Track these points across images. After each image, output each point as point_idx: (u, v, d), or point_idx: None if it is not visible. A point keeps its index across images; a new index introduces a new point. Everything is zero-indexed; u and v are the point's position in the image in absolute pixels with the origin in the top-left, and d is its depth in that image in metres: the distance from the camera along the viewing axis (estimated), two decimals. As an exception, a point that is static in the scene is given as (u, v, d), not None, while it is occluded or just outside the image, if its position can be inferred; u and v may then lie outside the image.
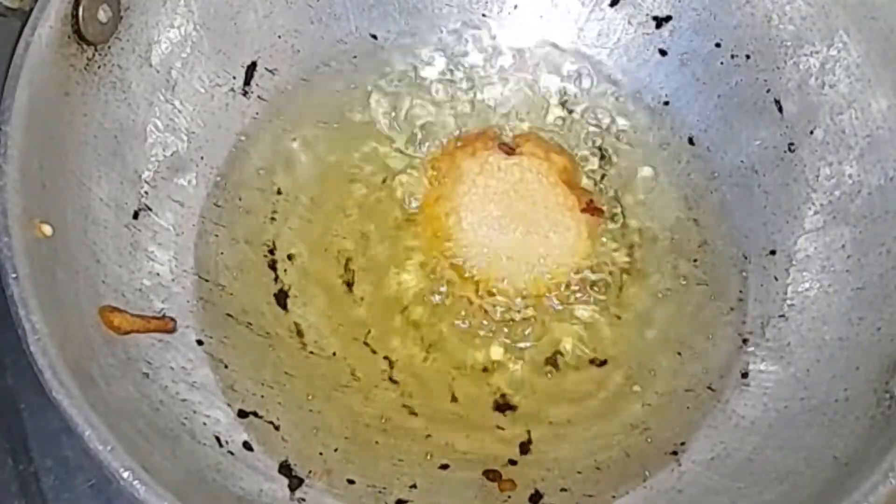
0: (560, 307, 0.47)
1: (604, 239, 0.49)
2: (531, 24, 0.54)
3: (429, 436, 0.44)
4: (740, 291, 0.48)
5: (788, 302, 0.46)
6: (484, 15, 0.54)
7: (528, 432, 0.44)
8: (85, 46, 0.43)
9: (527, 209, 0.49)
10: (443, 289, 0.48)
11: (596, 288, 0.48)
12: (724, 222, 0.50)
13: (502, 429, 0.45)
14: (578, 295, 0.48)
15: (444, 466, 0.44)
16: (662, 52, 0.52)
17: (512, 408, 0.45)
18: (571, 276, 0.48)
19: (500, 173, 0.50)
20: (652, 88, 0.53)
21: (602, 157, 0.51)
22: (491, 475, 0.43)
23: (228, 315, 0.46)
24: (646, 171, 0.51)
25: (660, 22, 0.52)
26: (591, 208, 0.46)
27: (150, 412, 0.40)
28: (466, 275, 0.48)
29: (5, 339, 0.46)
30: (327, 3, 0.52)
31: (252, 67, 0.51)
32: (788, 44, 0.49)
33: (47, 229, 0.39)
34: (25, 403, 0.46)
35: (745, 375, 0.45)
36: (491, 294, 0.47)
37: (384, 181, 0.51)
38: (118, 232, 0.44)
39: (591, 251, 0.49)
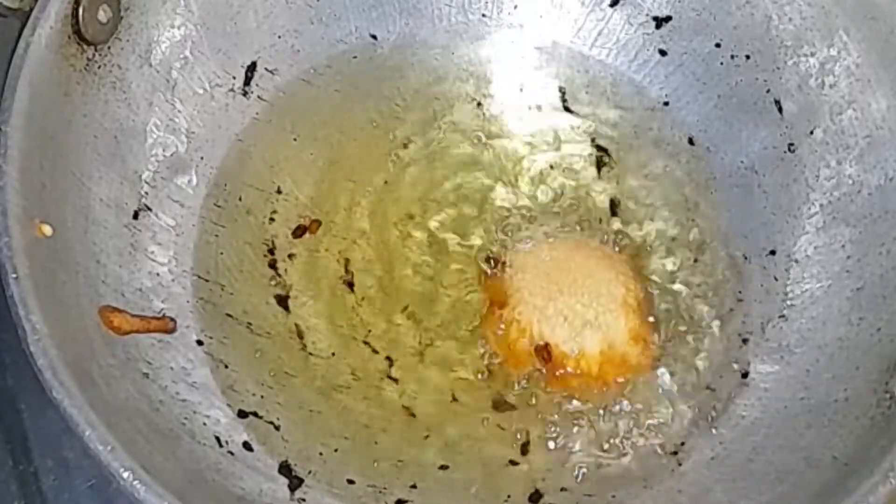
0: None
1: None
2: (531, 23, 0.54)
3: (429, 436, 0.44)
4: (740, 291, 0.48)
5: (788, 302, 0.46)
6: (484, 15, 0.54)
7: (528, 432, 0.44)
8: (85, 46, 0.43)
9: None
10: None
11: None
12: (724, 222, 0.49)
13: (502, 429, 0.45)
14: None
15: (444, 467, 0.44)
16: (662, 52, 0.52)
17: (512, 408, 0.45)
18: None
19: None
20: (652, 88, 0.53)
21: (602, 158, 0.51)
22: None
23: (228, 315, 0.46)
24: (645, 172, 0.51)
25: (660, 22, 0.52)
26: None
27: (150, 412, 0.40)
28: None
29: (5, 339, 0.46)
30: (327, 3, 0.52)
31: (252, 67, 0.51)
32: (788, 44, 0.49)
33: (47, 229, 0.39)
34: (25, 403, 0.46)
35: (745, 375, 0.45)
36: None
37: (385, 182, 0.51)
38: (118, 232, 0.44)
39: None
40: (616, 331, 0.45)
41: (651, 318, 0.47)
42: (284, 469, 0.42)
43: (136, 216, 0.45)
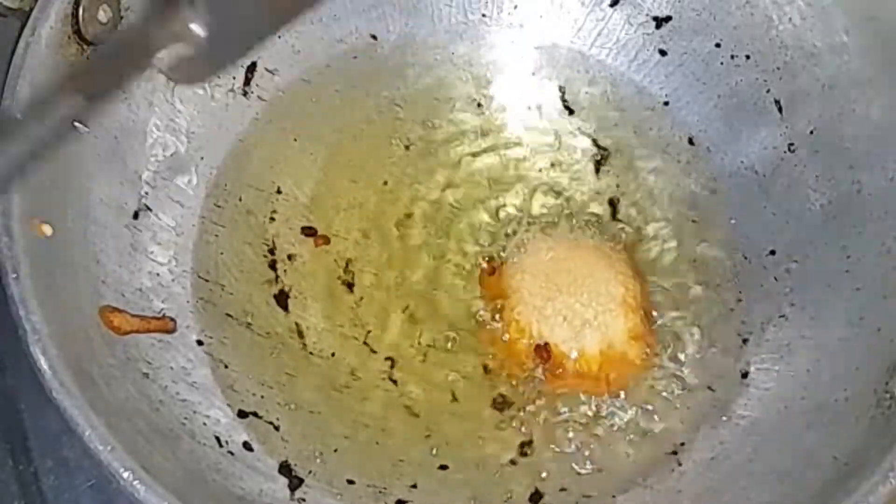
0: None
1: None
2: (531, 23, 0.54)
3: (429, 436, 0.44)
4: (740, 291, 0.48)
5: (788, 302, 0.46)
6: (484, 15, 0.54)
7: (528, 432, 0.44)
8: (85, 46, 0.43)
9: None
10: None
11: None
12: (724, 222, 0.49)
13: (502, 429, 0.45)
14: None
15: (444, 467, 0.44)
16: (662, 52, 0.52)
17: (512, 407, 0.45)
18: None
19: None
20: (652, 88, 0.53)
21: (602, 158, 0.51)
22: None
23: (228, 315, 0.46)
24: (645, 172, 0.51)
25: (660, 22, 0.52)
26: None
27: (150, 412, 0.40)
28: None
29: (5, 340, 0.46)
30: (327, 3, 0.52)
31: (252, 67, 0.51)
32: (788, 44, 0.49)
33: (47, 229, 0.39)
34: (25, 403, 0.46)
35: (745, 375, 0.45)
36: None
37: (385, 182, 0.51)
38: (118, 232, 0.44)
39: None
40: (615, 330, 0.45)
41: (650, 318, 0.47)
42: (284, 469, 0.42)
43: (136, 216, 0.45)
